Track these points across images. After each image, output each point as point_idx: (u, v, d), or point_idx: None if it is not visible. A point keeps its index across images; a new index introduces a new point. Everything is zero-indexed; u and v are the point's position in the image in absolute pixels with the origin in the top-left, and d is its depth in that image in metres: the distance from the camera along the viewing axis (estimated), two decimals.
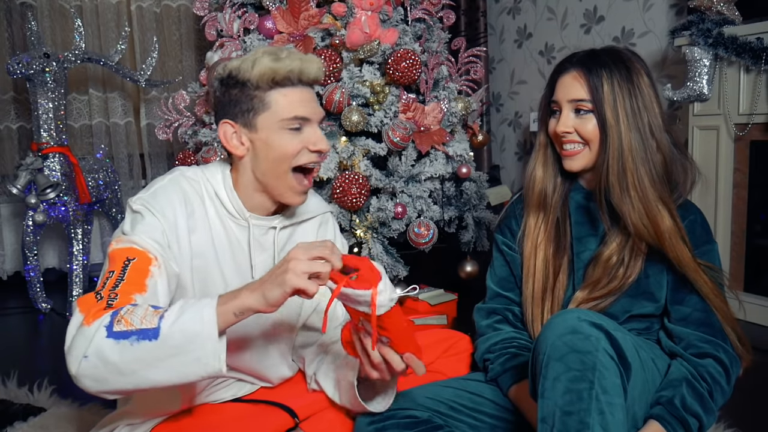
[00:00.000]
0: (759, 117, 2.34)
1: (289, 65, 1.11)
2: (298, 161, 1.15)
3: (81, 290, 2.75)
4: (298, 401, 1.25)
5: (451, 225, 2.46)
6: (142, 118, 3.60)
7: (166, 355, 0.93)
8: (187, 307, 0.95)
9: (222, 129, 1.16)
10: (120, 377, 0.94)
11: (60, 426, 1.61)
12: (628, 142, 1.19)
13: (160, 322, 0.93)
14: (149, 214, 1.10)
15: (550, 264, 1.31)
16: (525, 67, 3.88)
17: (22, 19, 3.20)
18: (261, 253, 1.22)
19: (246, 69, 1.12)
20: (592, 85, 1.21)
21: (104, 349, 0.92)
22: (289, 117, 1.13)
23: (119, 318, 0.94)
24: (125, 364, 0.93)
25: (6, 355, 2.34)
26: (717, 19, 2.39)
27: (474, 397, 1.27)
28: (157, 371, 0.93)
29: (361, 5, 2.25)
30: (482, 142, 2.65)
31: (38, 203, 2.65)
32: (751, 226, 2.45)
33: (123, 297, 0.99)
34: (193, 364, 0.93)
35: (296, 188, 1.17)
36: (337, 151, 2.20)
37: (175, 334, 0.92)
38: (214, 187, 1.19)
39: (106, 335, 0.93)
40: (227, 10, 2.34)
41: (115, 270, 1.03)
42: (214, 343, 0.92)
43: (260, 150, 1.15)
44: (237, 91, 1.14)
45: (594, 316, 1.02)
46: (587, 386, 0.96)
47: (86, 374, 0.94)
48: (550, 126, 1.29)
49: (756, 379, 1.81)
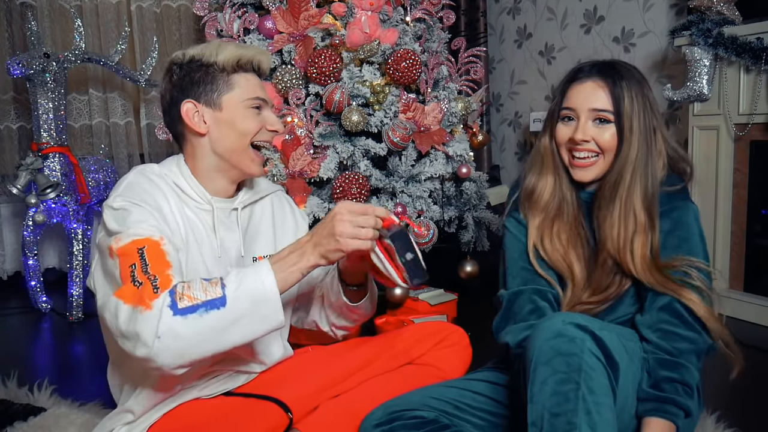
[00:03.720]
0: (759, 117, 2.34)
1: (251, 54, 1.26)
2: (258, 138, 1.27)
3: (81, 290, 2.75)
4: (291, 394, 1.27)
5: (451, 225, 2.46)
6: (142, 118, 3.60)
7: (235, 318, 1.03)
8: (244, 274, 1.07)
9: (184, 107, 1.24)
10: (196, 348, 1.02)
11: (60, 426, 1.61)
12: (634, 154, 1.22)
13: (224, 290, 1.03)
14: (134, 206, 1.14)
15: (579, 261, 1.29)
16: (525, 67, 3.88)
17: (22, 19, 3.20)
18: (229, 233, 1.30)
19: (210, 54, 1.24)
20: (615, 96, 1.22)
21: (175, 326, 1.00)
22: (252, 97, 1.25)
23: (180, 295, 1.02)
24: (199, 335, 1.01)
25: (6, 355, 2.34)
26: (717, 19, 2.39)
27: (477, 396, 1.27)
28: (229, 335, 1.04)
29: (361, 5, 2.25)
30: (482, 142, 2.65)
31: (38, 203, 2.65)
32: (751, 226, 2.45)
33: (162, 277, 1.05)
34: (261, 321, 1.06)
35: (255, 160, 1.28)
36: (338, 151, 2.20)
37: (241, 298, 1.03)
38: (173, 179, 1.25)
39: (172, 314, 1.00)
40: (227, 10, 2.34)
41: (134, 262, 1.07)
42: (276, 301, 1.06)
43: (223, 127, 1.25)
44: (201, 73, 1.24)
45: (579, 318, 1.03)
46: (573, 387, 0.97)
47: (163, 353, 1.00)
48: (560, 132, 1.27)
49: (756, 379, 1.81)
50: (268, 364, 1.36)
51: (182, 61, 1.25)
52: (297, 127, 2.19)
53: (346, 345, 1.45)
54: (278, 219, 1.41)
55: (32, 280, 2.84)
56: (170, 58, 1.28)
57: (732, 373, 1.19)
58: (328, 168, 2.18)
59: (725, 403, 1.64)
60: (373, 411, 1.21)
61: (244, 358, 1.31)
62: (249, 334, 1.07)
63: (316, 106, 2.25)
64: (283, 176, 2.16)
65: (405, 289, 2.33)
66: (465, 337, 1.43)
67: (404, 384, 1.31)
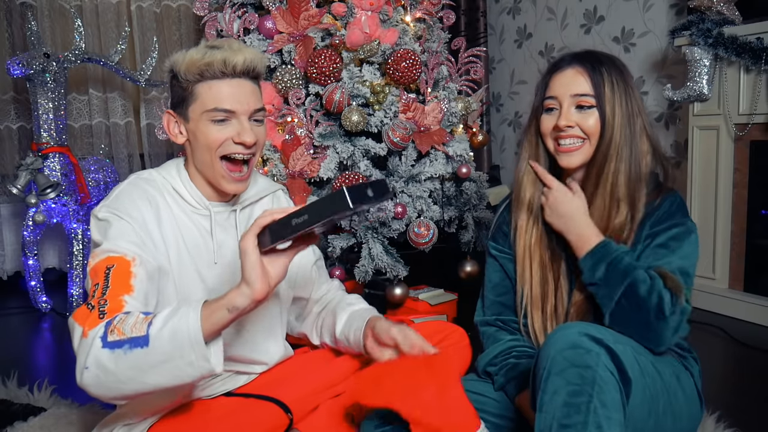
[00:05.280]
0: (759, 117, 2.34)
1: (210, 57, 1.14)
2: (223, 151, 1.19)
3: (81, 290, 2.75)
4: (291, 394, 1.27)
5: (451, 225, 2.46)
6: (142, 118, 3.60)
7: (157, 361, 0.96)
8: (173, 313, 0.98)
9: (165, 118, 1.23)
10: (120, 384, 0.98)
11: (60, 426, 1.61)
12: (618, 139, 1.23)
13: (149, 329, 0.96)
14: (116, 218, 1.13)
15: (548, 269, 1.31)
16: (525, 67, 3.88)
17: (22, 19, 3.20)
18: (227, 236, 1.28)
19: (179, 61, 1.17)
20: (595, 81, 1.23)
21: (101, 358, 0.97)
22: (210, 108, 1.16)
23: (112, 328, 0.98)
24: (122, 371, 0.96)
25: (6, 355, 2.34)
26: (717, 19, 2.39)
27: (479, 397, 1.28)
28: (153, 376, 0.97)
29: (361, 5, 2.25)
30: (482, 142, 2.65)
31: (38, 203, 2.65)
32: (751, 226, 2.45)
33: (113, 302, 1.03)
34: (186, 367, 0.96)
35: (226, 176, 1.20)
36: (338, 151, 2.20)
37: (163, 340, 0.95)
38: (171, 182, 1.24)
39: (101, 345, 0.97)
40: (227, 10, 2.33)
41: (99, 282, 1.06)
42: (201, 347, 0.95)
43: (192, 139, 1.21)
44: (175, 82, 1.20)
45: (594, 330, 1.02)
46: (585, 400, 0.96)
47: (90, 383, 0.98)
48: (544, 123, 1.29)
49: (756, 379, 1.81)
50: (269, 364, 1.36)
51: (168, 68, 1.22)
52: (297, 127, 2.19)
53: None
54: None
55: (32, 280, 2.84)
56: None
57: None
58: (328, 168, 2.18)
59: (725, 403, 1.64)
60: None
61: (244, 359, 1.31)
62: (175, 379, 0.98)
63: (316, 106, 2.25)
64: (283, 176, 2.16)
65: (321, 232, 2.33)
66: (465, 337, 1.43)
67: None
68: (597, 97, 1.23)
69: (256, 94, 1.21)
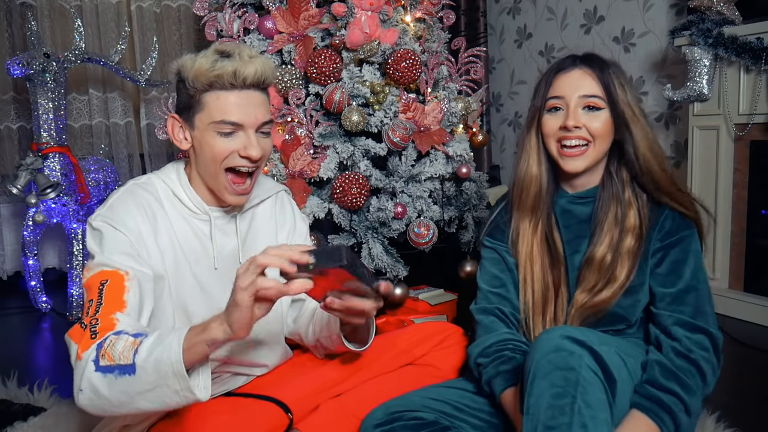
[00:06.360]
0: (759, 117, 2.34)
1: (221, 69, 1.10)
2: (229, 164, 1.17)
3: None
4: (291, 394, 1.26)
5: (451, 225, 2.46)
6: (142, 118, 3.60)
7: (145, 389, 0.97)
8: (158, 341, 0.97)
9: (170, 122, 1.20)
10: (113, 407, 1.00)
11: (60, 426, 1.61)
12: (643, 135, 1.24)
13: (134, 357, 0.97)
14: (110, 229, 1.13)
15: (549, 274, 1.31)
16: (525, 67, 3.88)
17: (22, 19, 3.20)
18: (227, 241, 1.26)
19: (187, 67, 1.13)
20: (605, 83, 1.23)
21: (94, 382, 0.99)
22: (218, 120, 1.13)
23: (103, 352, 0.99)
24: (114, 396, 0.98)
25: (6, 355, 2.34)
26: (717, 19, 2.39)
27: (476, 397, 1.28)
28: (143, 402, 0.99)
29: (361, 5, 2.25)
30: (482, 142, 2.65)
31: (38, 203, 2.65)
32: (751, 226, 2.45)
33: (104, 320, 1.04)
34: (173, 395, 0.97)
35: (229, 188, 1.19)
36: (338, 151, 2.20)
37: (148, 369, 0.96)
38: (171, 187, 1.22)
39: (94, 369, 0.99)
40: (227, 10, 2.33)
41: (93, 297, 1.07)
42: (185, 380, 0.95)
43: (197, 147, 1.18)
44: (182, 87, 1.17)
45: (578, 333, 1.03)
46: (570, 401, 0.97)
47: (86, 405, 1.01)
48: (548, 123, 1.27)
49: (756, 379, 1.81)
50: (270, 367, 1.35)
51: (175, 70, 1.19)
52: (297, 127, 2.19)
53: None
54: (279, 221, 1.39)
55: (32, 280, 2.84)
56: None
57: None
58: (328, 168, 2.18)
59: (725, 403, 1.64)
60: (373, 411, 1.21)
61: (245, 362, 1.31)
62: (163, 405, 0.99)
63: (316, 106, 2.25)
64: (283, 176, 2.16)
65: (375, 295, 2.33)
66: (465, 337, 1.43)
67: (404, 384, 1.31)
68: (609, 100, 1.23)
69: (264, 105, 1.18)
